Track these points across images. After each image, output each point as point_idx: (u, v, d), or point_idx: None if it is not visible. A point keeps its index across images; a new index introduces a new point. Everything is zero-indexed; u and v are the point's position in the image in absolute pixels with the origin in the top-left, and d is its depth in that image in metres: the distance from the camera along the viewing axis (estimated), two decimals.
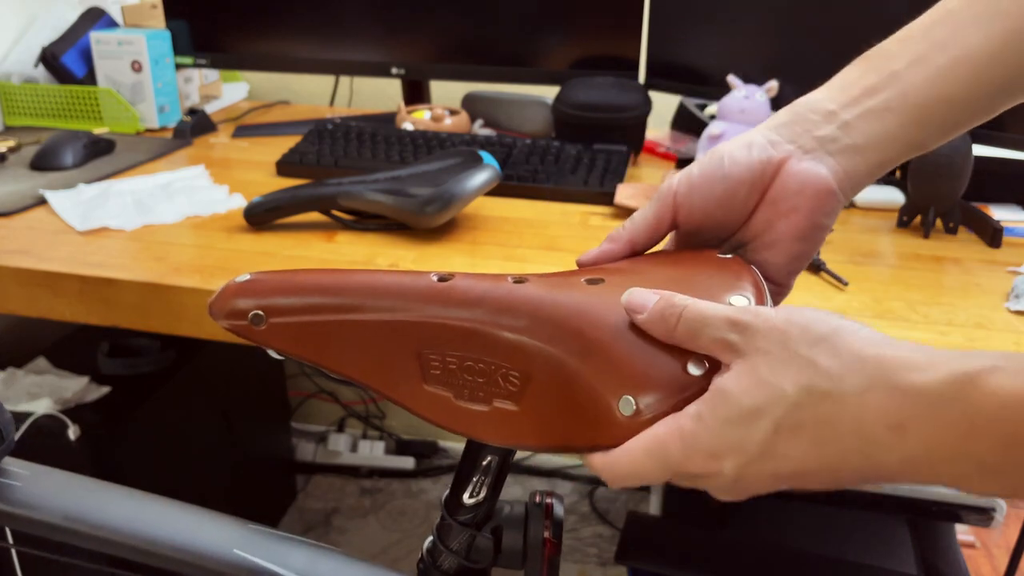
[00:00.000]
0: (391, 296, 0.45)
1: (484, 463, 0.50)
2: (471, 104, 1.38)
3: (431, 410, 0.45)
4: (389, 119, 1.39)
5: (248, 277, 0.48)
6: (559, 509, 0.52)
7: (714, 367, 0.40)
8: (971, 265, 0.91)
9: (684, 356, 0.40)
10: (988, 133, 1.01)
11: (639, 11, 1.25)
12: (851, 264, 0.90)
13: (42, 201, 1.03)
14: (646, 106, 1.20)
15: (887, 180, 1.14)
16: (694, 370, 0.40)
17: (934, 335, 0.75)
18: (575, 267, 0.51)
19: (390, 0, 1.33)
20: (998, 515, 1.14)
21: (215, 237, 0.93)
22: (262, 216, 0.95)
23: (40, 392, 1.20)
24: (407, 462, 1.88)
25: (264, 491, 1.69)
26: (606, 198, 1.06)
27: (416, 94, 1.44)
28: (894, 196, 1.08)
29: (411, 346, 0.45)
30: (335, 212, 0.97)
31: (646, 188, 1.07)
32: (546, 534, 0.51)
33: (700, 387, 0.40)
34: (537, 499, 0.52)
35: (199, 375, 1.34)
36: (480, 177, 0.94)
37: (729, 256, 0.48)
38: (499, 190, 1.08)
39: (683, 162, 1.21)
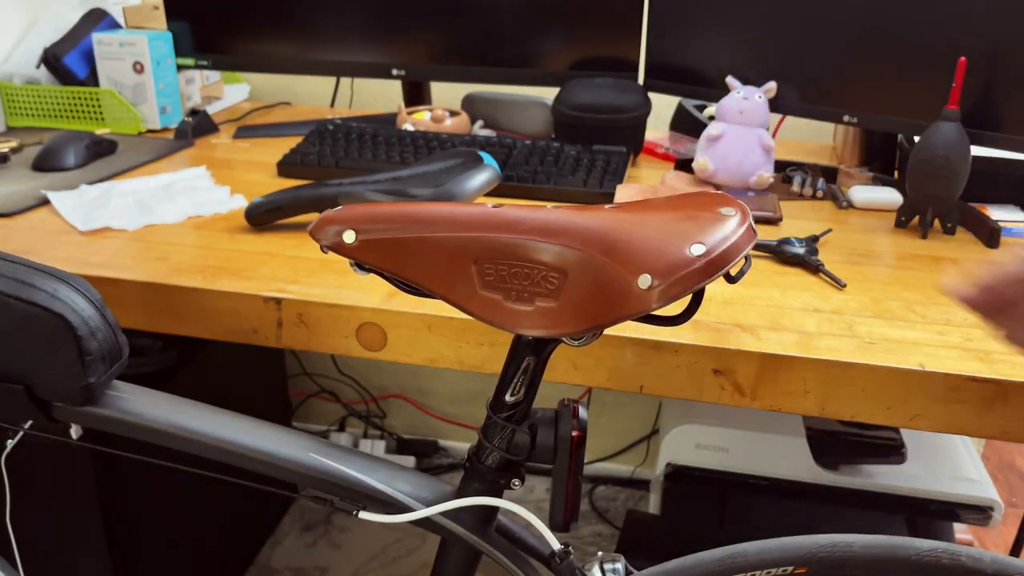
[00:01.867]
0: (456, 220, 0.56)
1: (523, 365, 0.59)
2: (471, 105, 1.39)
3: (485, 311, 0.56)
4: (390, 120, 1.39)
5: (341, 207, 0.59)
6: (583, 412, 0.62)
7: (711, 249, 0.51)
8: (969, 265, 0.91)
9: (687, 241, 0.51)
10: (986, 134, 1.01)
11: (638, 12, 1.25)
12: (849, 264, 0.91)
13: (44, 201, 1.04)
14: (645, 107, 1.21)
15: (885, 180, 1.15)
16: (696, 250, 0.51)
17: (932, 334, 0.75)
18: None
19: (390, 2, 1.33)
20: (996, 514, 1.14)
21: (216, 237, 0.94)
22: (263, 216, 0.96)
23: None
24: (408, 461, 1.88)
25: (265, 490, 1.70)
26: (606, 199, 1.06)
27: (416, 95, 1.44)
28: (892, 196, 1.08)
29: (470, 258, 0.55)
30: None
31: (645, 189, 1.08)
32: (574, 432, 0.60)
33: (702, 263, 0.50)
34: (566, 402, 0.62)
35: (200, 375, 1.34)
36: (480, 178, 0.95)
37: (718, 192, 0.58)
38: (499, 191, 1.08)
39: (682, 163, 1.21)
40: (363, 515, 0.62)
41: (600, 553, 0.66)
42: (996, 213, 1.06)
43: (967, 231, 1.01)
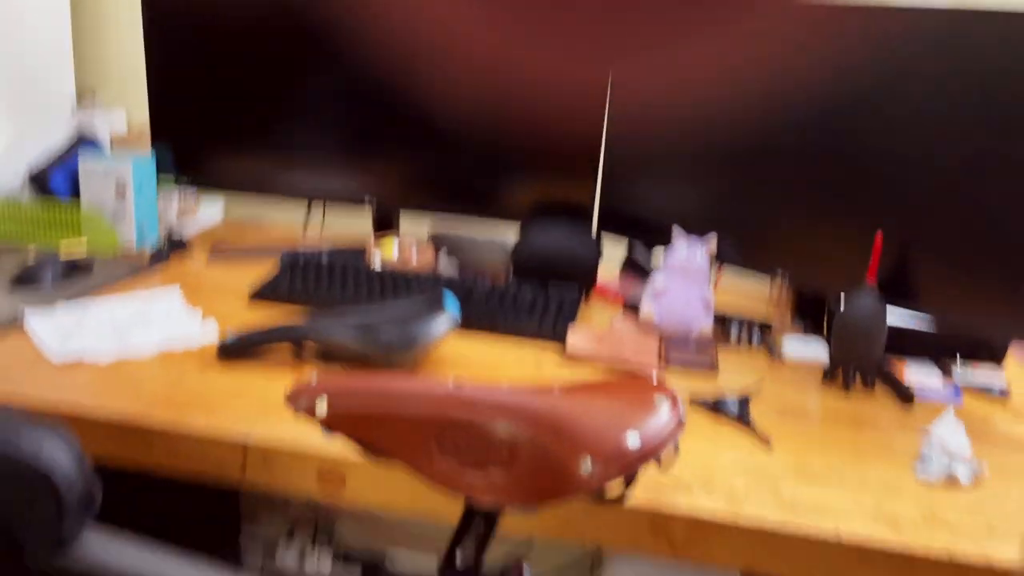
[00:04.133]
0: (420, 398, 0.63)
1: (476, 528, 0.65)
2: (437, 240, 1.47)
3: (441, 477, 0.62)
4: (359, 251, 1.47)
5: (315, 378, 0.66)
6: (527, 574, 0.68)
7: (645, 440, 0.58)
8: (886, 425, 1.00)
9: (625, 431, 0.59)
10: (902, 302, 1.12)
11: (595, 163, 1.36)
12: (777, 418, 0.99)
13: (20, 321, 1.08)
14: (596, 256, 1.31)
15: (815, 334, 1.24)
16: (632, 442, 0.58)
17: (849, 493, 0.83)
18: None
19: (364, 134, 1.43)
20: None
21: (188, 372, 0.99)
22: (233, 354, 1.01)
23: None
24: (354, 574, 1.88)
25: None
26: (558, 339, 1.14)
27: (386, 221, 1.53)
28: (819, 352, 1.18)
29: (431, 432, 0.62)
30: (306, 352, 1.03)
31: (596, 335, 1.16)
32: None
33: (637, 454, 0.58)
34: (512, 564, 0.68)
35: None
36: (441, 325, 1.02)
37: (655, 382, 0.66)
38: (463, 330, 1.15)
39: (630, 307, 1.30)
40: None
41: None
42: (913, 369, 1.15)
43: (886, 386, 1.10)
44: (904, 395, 1.06)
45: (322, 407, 0.63)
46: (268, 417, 0.90)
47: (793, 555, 0.77)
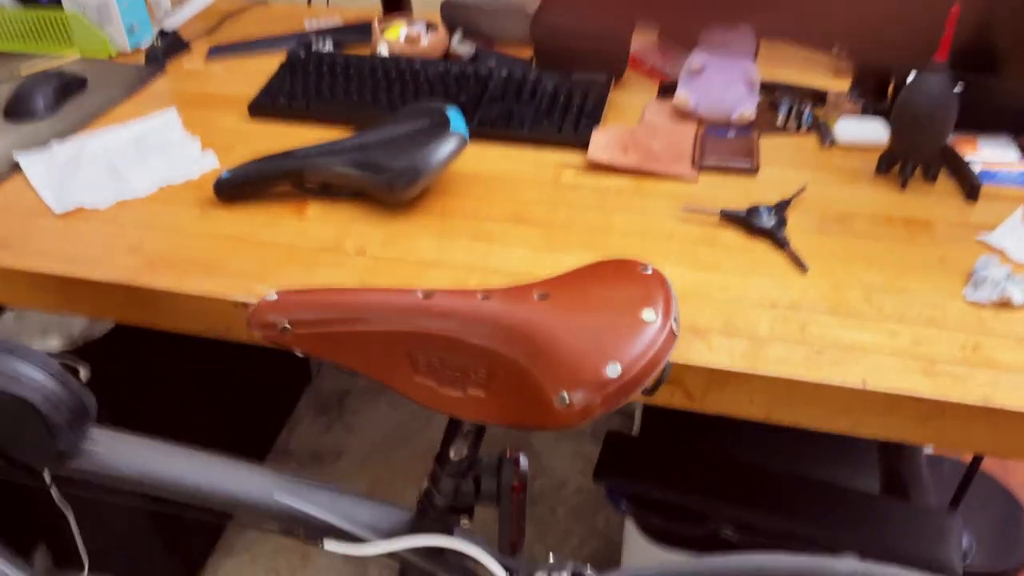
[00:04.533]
0: (386, 310, 0.58)
1: (465, 430, 0.64)
2: (450, 12, 1.32)
3: (420, 395, 0.59)
4: (365, 30, 1.33)
5: (275, 296, 0.61)
6: (524, 463, 0.65)
7: (627, 370, 0.51)
8: (942, 231, 0.90)
9: (604, 361, 0.52)
10: (976, 77, 0.96)
11: None
12: (818, 235, 0.90)
13: (17, 166, 1.04)
14: (630, 29, 1.15)
15: (877, 108, 1.10)
16: (612, 372, 0.52)
17: (883, 336, 0.76)
18: (540, 241, 0.80)
19: None
20: None
21: (187, 217, 0.95)
22: (231, 192, 0.96)
23: (49, 328, 1.27)
24: None
25: (280, 379, 1.80)
26: (581, 144, 1.04)
27: (395, 1, 1.37)
28: (879, 133, 1.04)
29: (403, 348, 0.58)
30: (306, 185, 0.97)
31: (622, 134, 1.05)
32: (515, 481, 0.65)
33: (617, 386, 0.51)
34: (508, 455, 0.66)
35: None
36: (447, 148, 0.93)
37: (649, 271, 0.59)
38: (474, 138, 1.06)
39: (666, 87, 1.16)
40: (327, 546, 0.68)
41: (551, 558, 0.72)
42: (986, 148, 1.02)
43: (950, 178, 0.98)
44: (970, 187, 0.95)
45: (285, 328, 0.59)
46: (269, 271, 0.86)
47: (816, 404, 0.73)
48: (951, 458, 1.64)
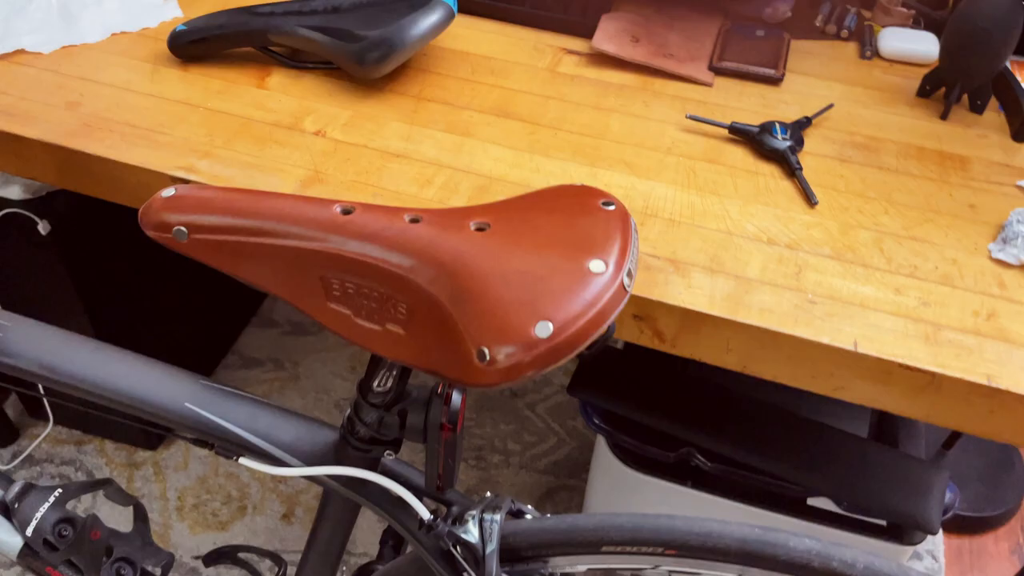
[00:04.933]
0: (298, 223, 0.50)
1: (388, 362, 0.56)
2: None
3: (335, 324, 0.51)
4: None
5: (173, 192, 0.53)
6: (456, 399, 0.58)
7: (559, 330, 0.44)
8: (979, 171, 0.79)
9: (534, 318, 0.44)
10: None
11: None
12: (837, 161, 0.79)
13: None
14: None
15: (928, 18, 0.96)
16: (542, 331, 0.44)
17: (887, 291, 0.67)
18: (521, 140, 0.68)
19: None
20: None
21: (137, 73, 0.85)
22: (187, 48, 0.86)
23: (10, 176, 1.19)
24: None
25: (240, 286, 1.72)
26: (587, 30, 0.92)
27: None
28: (927, 48, 0.91)
29: (315, 270, 0.50)
30: (270, 48, 0.86)
31: (635, 21, 0.92)
32: (443, 420, 0.57)
33: (545, 348, 0.44)
34: (439, 389, 0.58)
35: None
36: (428, 20, 0.82)
37: (612, 207, 0.50)
38: (470, 12, 0.94)
39: None
40: (243, 461, 0.62)
41: (488, 495, 0.67)
42: None
43: (999, 112, 0.86)
44: (1020, 125, 0.83)
45: (181, 233, 0.50)
46: (217, 145, 0.77)
47: (798, 362, 0.65)
48: None
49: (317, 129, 0.79)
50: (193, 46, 0.85)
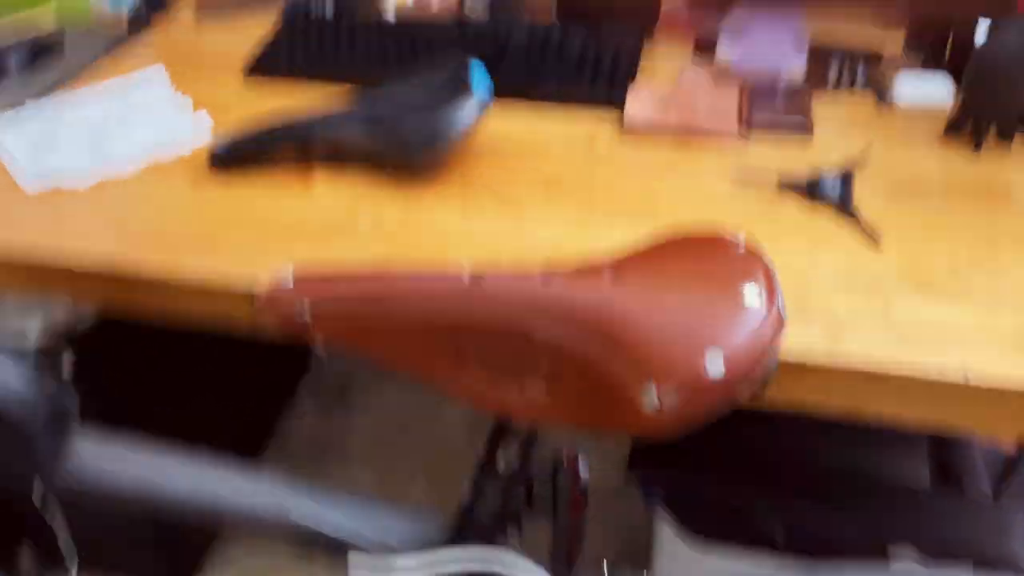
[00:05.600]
0: (429, 298, 0.48)
1: (513, 435, 0.55)
2: None
3: (468, 395, 0.49)
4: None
5: (292, 280, 0.51)
6: (584, 470, 0.55)
7: (732, 367, 0.41)
8: None
9: (702, 349, 0.42)
10: None
11: None
12: (889, 201, 0.80)
13: None
14: None
15: (937, 63, 1.00)
16: (714, 368, 0.42)
17: (980, 315, 0.67)
18: (576, 212, 0.66)
19: None
20: None
21: (178, 192, 0.84)
22: (228, 163, 0.85)
23: (30, 310, 1.16)
24: None
25: (277, 366, 1.70)
26: (615, 104, 0.94)
27: None
28: (943, 92, 0.94)
29: (448, 341, 0.48)
30: (311, 152, 0.86)
31: (660, 94, 0.95)
32: (574, 492, 0.56)
33: (721, 383, 0.42)
34: (565, 460, 0.56)
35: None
36: (469, 111, 0.83)
37: (741, 246, 0.49)
38: (496, 100, 0.96)
39: (702, 47, 1.06)
40: (353, 562, 0.59)
41: (605, 565, 0.63)
42: None
43: None
44: None
45: (304, 318, 0.49)
46: (276, 248, 0.76)
47: (906, 398, 0.64)
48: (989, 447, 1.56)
49: (372, 223, 0.79)
50: (233, 160, 0.85)
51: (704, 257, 0.47)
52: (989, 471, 1.17)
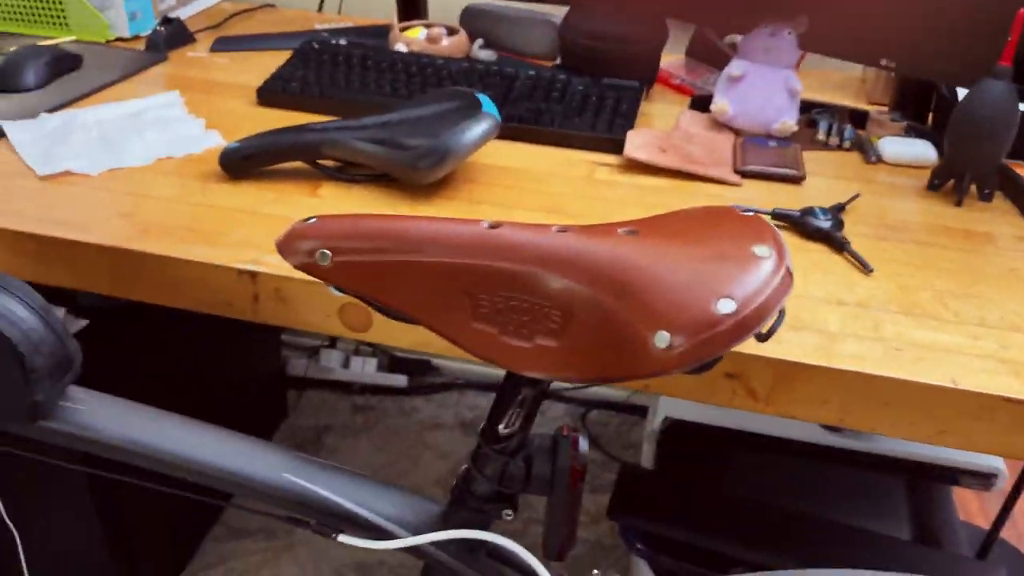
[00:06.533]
0: (446, 241, 0.49)
1: (520, 397, 0.54)
2: (471, 20, 1.27)
3: (478, 345, 0.50)
4: (382, 34, 1.28)
5: (315, 220, 0.52)
6: (583, 444, 0.56)
7: (743, 309, 0.43)
8: (1007, 243, 0.84)
9: (714, 293, 0.44)
10: None
11: None
12: (876, 239, 0.83)
13: (1, 132, 0.95)
14: (662, 36, 1.10)
15: (919, 130, 1.05)
16: (725, 307, 0.43)
17: (965, 338, 0.69)
18: None
19: None
20: (999, 480, 1.11)
21: (188, 186, 0.86)
22: (238, 164, 0.87)
23: None
24: (400, 380, 1.86)
25: (255, 408, 1.68)
26: (615, 145, 0.98)
27: (412, 6, 1.32)
28: (926, 152, 0.99)
29: (462, 286, 0.49)
30: (319, 161, 0.89)
31: (658, 136, 0.99)
32: (573, 466, 0.55)
33: (730, 324, 0.43)
34: (565, 432, 0.57)
35: None
36: (479, 129, 0.86)
37: (750, 213, 0.51)
38: (500, 132, 0.99)
39: (698, 100, 1.11)
40: (342, 538, 0.57)
41: (595, 573, 0.62)
42: None
43: (1005, 198, 0.93)
44: None
45: (325, 257, 0.50)
46: None
47: (897, 403, 0.65)
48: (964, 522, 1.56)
49: None
50: (244, 162, 0.87)
51: (716, 222, 0.49)
52: (968, 537, 1.17)
